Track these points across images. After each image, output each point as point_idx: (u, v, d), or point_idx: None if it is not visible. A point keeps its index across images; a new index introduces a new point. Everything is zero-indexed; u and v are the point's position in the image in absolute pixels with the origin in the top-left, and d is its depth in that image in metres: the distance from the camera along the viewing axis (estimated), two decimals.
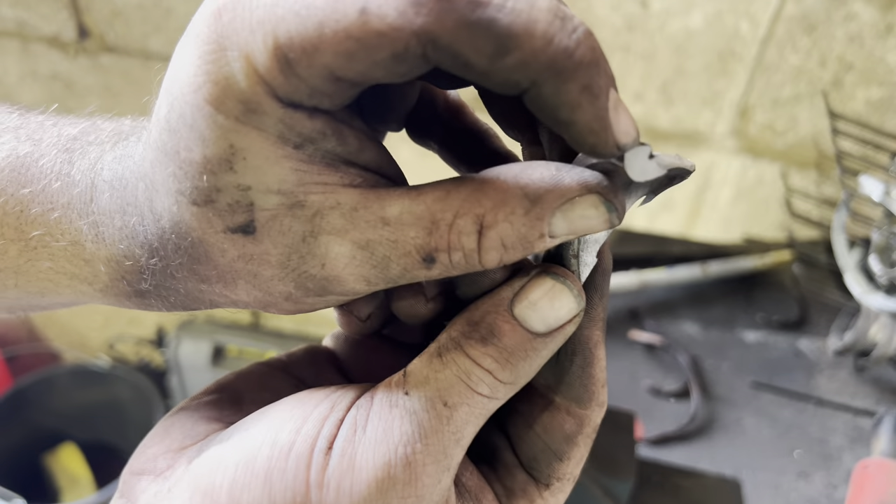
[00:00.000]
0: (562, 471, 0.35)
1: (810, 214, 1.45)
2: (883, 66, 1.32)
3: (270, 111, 0.28)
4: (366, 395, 0.31)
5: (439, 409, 0.30)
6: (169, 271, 0.32)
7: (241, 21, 0.27)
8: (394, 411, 0.30)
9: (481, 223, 0.29)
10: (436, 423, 0.30)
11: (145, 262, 0.33)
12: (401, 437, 0.29)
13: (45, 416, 2.29)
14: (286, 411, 0.31)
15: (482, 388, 0.31)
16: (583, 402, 0.35)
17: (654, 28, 1.34)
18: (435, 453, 0.29)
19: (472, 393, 0.31)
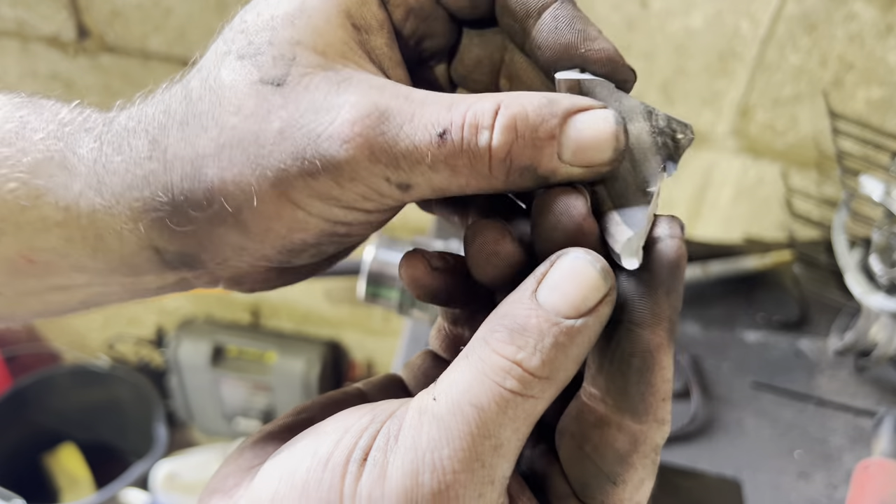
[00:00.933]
0: (616, 497, 0.32)
1: (811, 214, 1.45)
2: (883, 66, 1.32)
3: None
4: (403, 405, 0.30)
5: (466, 411, 0.28)
6: (189, 214, 0.32)
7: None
8: (422, 418, 0.28)
9: (499, 104, 0.29)
10: (462, 426, 0.28)
11: (169, 208, 0.32)
12: (427, 443, 0.27)
13: (44, 416, 2.29)
14: (331, 424, 0.30)
15: (510, 382, 0.28)
16: (638, 415, 0.31)
17: (654, 28, 1.34)
18: (466, 460, 0.27)
19: (501, 389, 0.28)
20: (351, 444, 0.28)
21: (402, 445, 0.28)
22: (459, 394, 0.28)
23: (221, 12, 1.45)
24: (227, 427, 2.28)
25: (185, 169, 0.32)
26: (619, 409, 0.31)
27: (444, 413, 0.28)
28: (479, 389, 0.28)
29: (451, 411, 0.28)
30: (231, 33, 0.34)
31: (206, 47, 0.37)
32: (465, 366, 0.29)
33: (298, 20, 0.32)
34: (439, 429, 0.28)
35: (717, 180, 1.53)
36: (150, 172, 0.33)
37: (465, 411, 0.28)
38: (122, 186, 0.33)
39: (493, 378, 0.28)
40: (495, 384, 0.28)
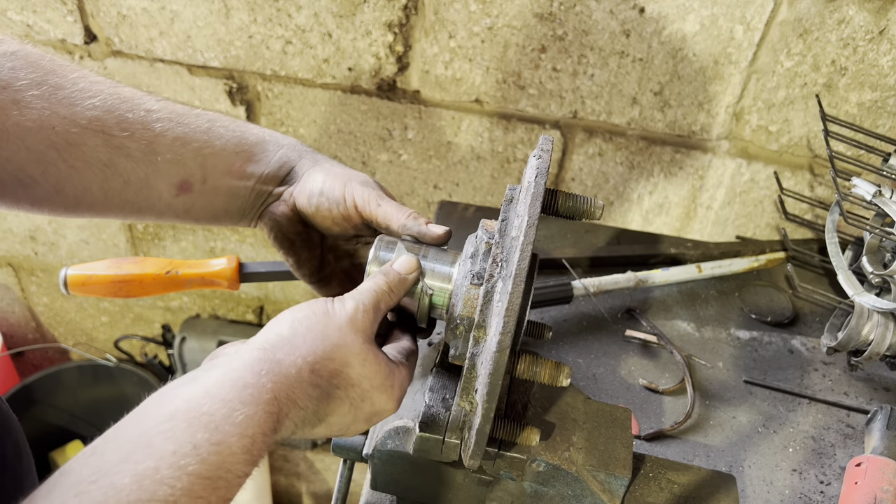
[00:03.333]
0: None
1: (804, 215, 1.47)
2: (875, 70, 1.34)
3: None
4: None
5: (367, 297, 0.71)
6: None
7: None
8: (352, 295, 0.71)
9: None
10: (370, 302, 0.71)
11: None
12: (357, 296, 0.71)
13: (52, 413, 2.31)
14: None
15: (385, 285, 0.73)
16: None
17: (650, 33, 1.36)
18: (371, 309, 0.70)
19: (381, 287, 0.72)
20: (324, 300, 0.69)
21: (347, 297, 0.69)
22: (372, 287, 0.71)
23: (227, 17, 1.47)
24: None
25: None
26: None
27: (365, 290, 0.70)
28: (376, 287, 0.71)
29: (367, 291, 0.70)
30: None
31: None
32: (365, 281, 0.73)
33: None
34: (358, 297, 0.69)
35: (712, 182, 1.55)
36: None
37: (372, 294, 0.70)
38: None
39: (379, 284, 0.71)
40: (382, 286, 0.71)
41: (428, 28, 1.42)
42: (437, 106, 1.53)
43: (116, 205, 0.78)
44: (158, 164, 0.76)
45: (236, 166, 0.80)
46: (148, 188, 0.78)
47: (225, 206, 0.82)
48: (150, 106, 0.76)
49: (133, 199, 0.78)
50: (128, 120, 0.74)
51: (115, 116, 0.73)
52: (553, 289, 1.27)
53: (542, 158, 0.68)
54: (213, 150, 0.79)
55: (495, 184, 1.64)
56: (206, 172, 0.79)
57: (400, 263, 0.73)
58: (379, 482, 0.83)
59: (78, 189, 0.74)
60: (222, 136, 0.79)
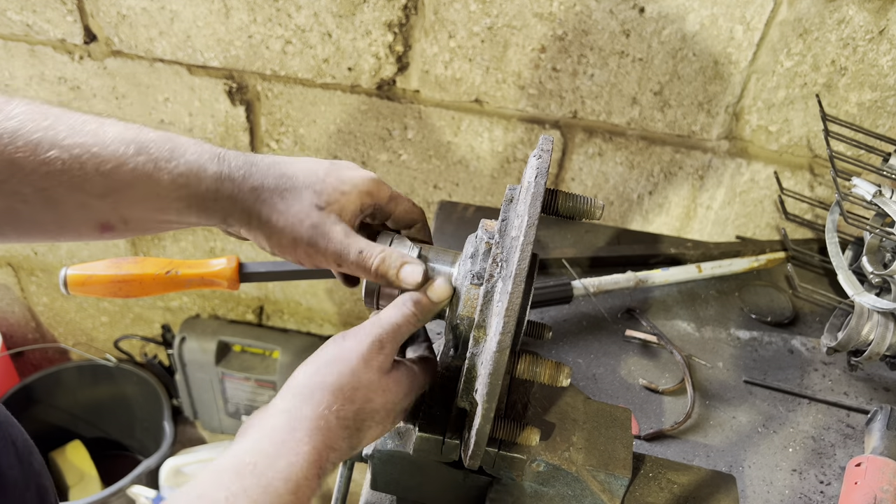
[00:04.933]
0: None
1: (804, 215, 1.47)
2: (875, 70, 1.34)
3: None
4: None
5: (390, 317, 0.71)
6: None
7: None
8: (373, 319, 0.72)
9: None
10: (394, 319, 0.72)
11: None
12: (378, 322, 0.71)
13: (52, 413, 2.31)
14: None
15: (412, 309, 0.72)
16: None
17: (650, 33, 1.36)
18: (394, 331, 0.71)
19: (406, 312, 0.72)
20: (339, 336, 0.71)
21: (366, 325, 0.70)
22: (391, 317, 0.71)
23: (227, 17, 1.47)
24: (232, 424, 2.30)
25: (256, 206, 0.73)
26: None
27: (382, 320, 0.71)
28: (397, 316, 0.71)
29: (385, 320, 0.70)
30: (313, 177, 0.75)
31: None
32: (392, 307, 0.72)
33: (344, 196, 0.74)
34: (375, 333, 0.70)
35: (711, 181, 1.55)
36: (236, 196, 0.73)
37: (390, 324, 0.70)
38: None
39: (400, 312, 0.71)
40: (402, 314, 0.71)
41: (428, 28, 1.42)
42: (436, 106, 1.53)
43: (40, 239, 0.71)
44: (65, 210, 0.66)
45: (156, 209, 0.69)
46: (65, 230, 0.69)
47: (172, 229, 0.74)
48: (39, 140, 0.63)
49: (55, 236, 0.70)
50: (16, 162, 0.62)
51: (0, 158, 0.62)
52: (553, 289, 1.27)
53: (542, 158, 0.68)
54: (121, 196, 0.67)
55: (495, 184, 1.64)
56: (123, 215, 0.69)
57: (437, 292, 0.72)
58: (379, 482, 0.84)
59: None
60: (126, 180, 0.66)
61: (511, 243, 0.67)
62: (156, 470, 2.10)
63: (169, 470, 2.10)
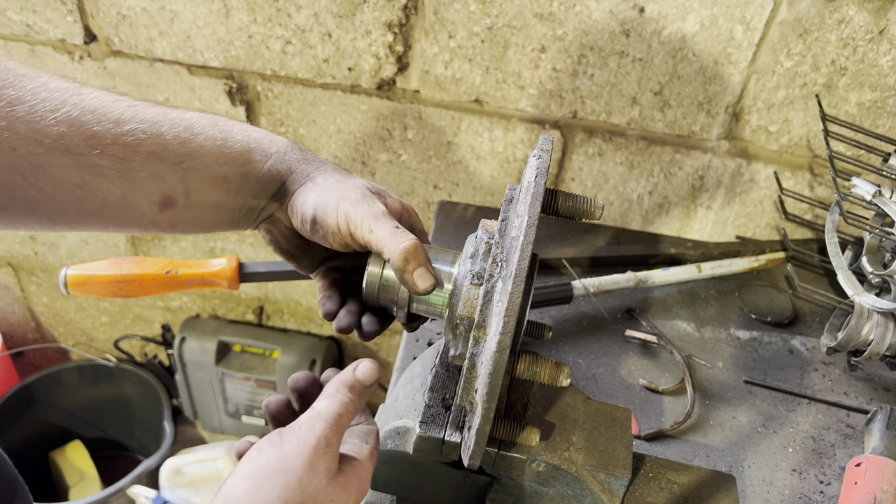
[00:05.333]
0: None
1: (803, 215, 1.47)
2: (875, 70, 1.34)
3: None
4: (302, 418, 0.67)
5: (331, 410, 0.67)
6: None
7: None
8: (312, 417, 0.66)
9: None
10: (333, 416, 0.66)
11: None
12: (316, 425, 0.65)
13: (52, 413, 2.31)
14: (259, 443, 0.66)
15: (349, 397, 0.69)
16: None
17: (650, 33, 1.36)
18: (335, 428, 0.66)
19: (344, 401, 0.68)
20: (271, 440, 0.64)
21: (301, 427, 0.64)
22: (326, 407, 0.66)
23: (227, 17, 1.47)
24: (232, 424, 2.30)
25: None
26: None
27: (319, 414, 0.65)
28: (336, 409, 0.66)
29: (324, 419, 0.65)
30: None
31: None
32: (326, 398, 0.67)
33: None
34: (318, 430, 0.64)
35: (712, 182, 1.55)
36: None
37: (329, 426, 0.64)
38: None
39: (342, 398, 0.67)
40: (344, 404, 0.67)
41: (428, 28, 1.42)
42: (436, 106, 1.54)
43: (96, 222, 0.73)
44: (136, 182, 0.70)
45: (220, 179, 0.75)
46: (128, 207, 0.72)
47: (213, 219, 0.78)
48: (119, 115, 0.69)
49: (113, 217, 0.73)
50: (96, 135, 0.67)
51: (81, 132, 0.66)
52: (553, 289, 1.27)
53: (541, 158, 0.68)
54: (193, 164, 0.73)
55: (495, 184, 1.64)
56: (188, 186, 0.73)
57: (363, 373, 0.70)
58: (379, 482, 0.84)
59: (51, 211, 0.69)
60: (202, 146, 0.73)
61: (511, 243, 0.67)
62: (156, 470, 2.10)
63: (169, 470, 2.10)
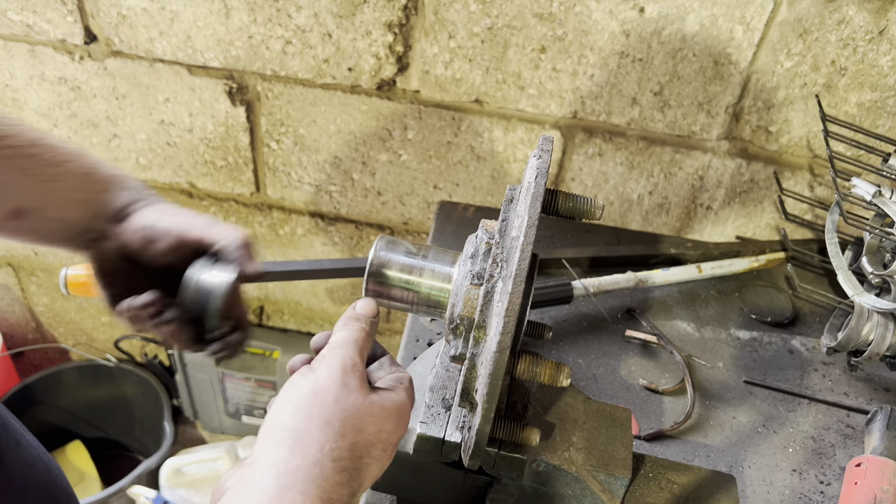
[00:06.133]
0: None
1: (803, 216, 1.47)
2: (875, 70, 1.34)
3: None
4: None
5: (348, 340, 0.69)
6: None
7: None
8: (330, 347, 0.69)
9: None
10: (350, 343, 0.68)
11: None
12: (336, 350, 0.68)
13: (52, 413, 2.31)
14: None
15: (362, 326, 0.71)
16: None
17: (650, 33, 1.36)
18: (354, 352, 0.67)
19: (357, 332, 0.70)
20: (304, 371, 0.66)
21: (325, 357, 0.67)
22: (346, 337, 0.68)
23: (227, 18, 1.47)
24: (232, 424, 2.30)
25: None
26: None
27: (340, 343, 0.67)
28: (352, 337, 0.68)
29: (345, 342, 0.67)
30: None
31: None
32: (338, 332, 0.69)
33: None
34: (340, 354, 0.66)
35: (712, 182, 1.55)
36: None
37: (351, 344, 0.67)
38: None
39: (353, 330, 0.69)
40: (356, 331, 0.69)
41: (428, 28, 1.42)
42: (437, 106, 1.53)
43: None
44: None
45: (79, 201, 0.81)
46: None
47: (56, 234, 0.83)
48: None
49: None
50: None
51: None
52: (553, 289, 1.27)
53: (542, 158, 0.68)
54: (61, 184, 0.80)
55: (495, 184, 1.64)
56: (46, 202, 0.80)
57: (363, 308, 0.72)
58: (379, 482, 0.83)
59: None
60: (71, 171, 0.81)
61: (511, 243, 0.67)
62: (156, 470, 2.10)
63: (169, 470, 2.10)
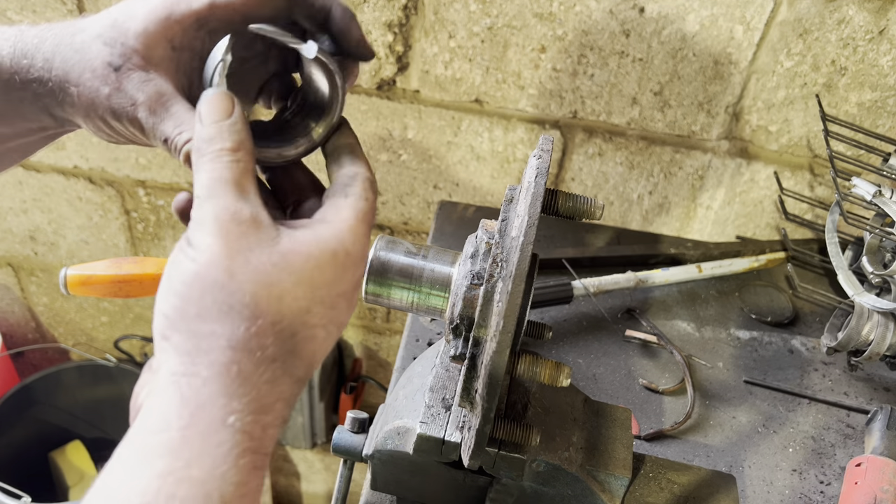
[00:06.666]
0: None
1: (804, 215, 1.47)
2: (875, 70, 1.34)
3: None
4: None
5: (215, 187, 0.48)
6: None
7: None
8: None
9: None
10: (218, 193, 0.48)
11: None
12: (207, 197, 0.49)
13: (51, 413, 2.31)
14: None
15: (225, 157, 0.49)
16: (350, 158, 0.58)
17: (650, 33, 1.36)
18: (232, 197, 0.48)
19: (217, 163, 0.49)
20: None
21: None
22: (210, 179, 0.48)
23: None
24: None
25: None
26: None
27: (207, 191, 0.48)
28: (217, 169, 0.48)
29: (211, 188, 0.48)
30: (102, 23, 0.54)
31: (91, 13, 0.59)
32: (199, 167, 0.49)
33: (139, 37, 0.52)
34: (215, 195, 0.48)
35: (711, 182, 1.55)
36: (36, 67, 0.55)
37: (220, 184, 0.48)
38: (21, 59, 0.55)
39: (218, 163, 0.48)
40: (221, 164, 0.48)
41: (428, 28, 1.42)
42: (436, 106, 1.53)
43: None
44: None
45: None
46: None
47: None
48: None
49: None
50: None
51: None
52: (553, 289, 1.27)
53: (542, 158, 0.68)
54: None
55: (495, 184, 1.64)
56: None
57: (212, 113, 0.50)
58: (379, 482, 0.84)
59: None
60: None
61: (511, 243, 0.67)
62: None
63: None
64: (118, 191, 1.79)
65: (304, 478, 2.53)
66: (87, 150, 1.72)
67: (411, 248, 0.75)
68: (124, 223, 1.88)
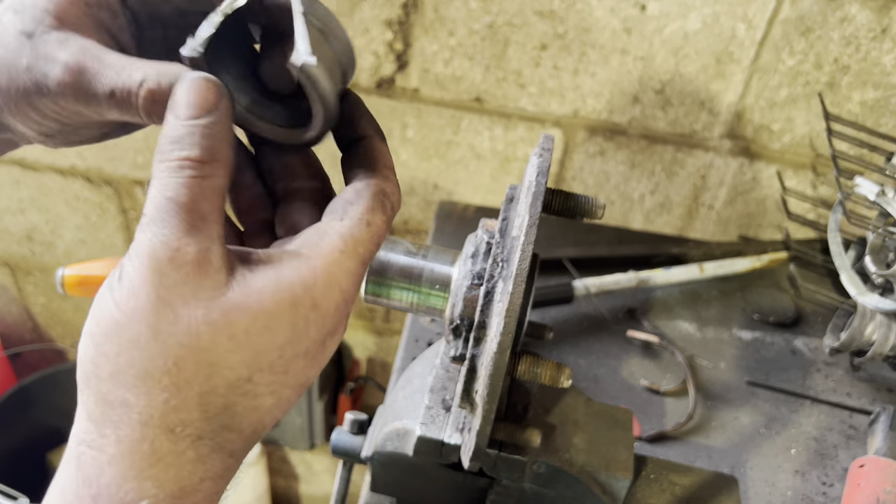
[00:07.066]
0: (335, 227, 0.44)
1: (806, 215, 1.47)
2: (878, 68, 1.33)
3: None
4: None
5: (169, 207, 0.39)
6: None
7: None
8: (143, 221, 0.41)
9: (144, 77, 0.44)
10: (174, 213, 0.39)
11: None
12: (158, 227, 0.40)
13: (49, 414, 2.30)
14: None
15: (186, 173, 0.39)
16: (376, 167, 0.50)
17: (651, 31, 1.35)
18: (188, 226, 0.39)
19: (184, 180, 0.39)
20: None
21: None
22: (160, 198, 0.39)
23: None
24: None
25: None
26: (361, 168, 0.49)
27: (152, 213, 0.39)
28: (171, 186, 0.38)
29: (158, 209, 0.38)
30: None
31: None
32: (155, 175, 0.40)
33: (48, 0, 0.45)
34: (159, 222, 0.39)
35: (714, 181, 1.55)
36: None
37: (169, 207, 0.38)
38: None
39: (175, 177, 0.38)
40: (179, 179, 0.38)
41: (427, 26, 1.41)
42: (436, 104, 1.53)
43: None
44: None
45: None
46: None
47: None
48: None
49: None
50: None
51: None
52: (554, 289, 1.26)
53: (543, 157, 0.67)
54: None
55: (495, 183, 1.63)
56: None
57: (189, 107, 0.40)
58: (378, 484, 0.83)
59: None
60: None
61: (512, 243, 0.66)
62: None
63: None
64: (116, 190, 1.79)
65: (303, 479, 2.53)
66: (84, 149, 1.72)
67: (411, 248, 0.74)
68: (122, 223, 1.87)
